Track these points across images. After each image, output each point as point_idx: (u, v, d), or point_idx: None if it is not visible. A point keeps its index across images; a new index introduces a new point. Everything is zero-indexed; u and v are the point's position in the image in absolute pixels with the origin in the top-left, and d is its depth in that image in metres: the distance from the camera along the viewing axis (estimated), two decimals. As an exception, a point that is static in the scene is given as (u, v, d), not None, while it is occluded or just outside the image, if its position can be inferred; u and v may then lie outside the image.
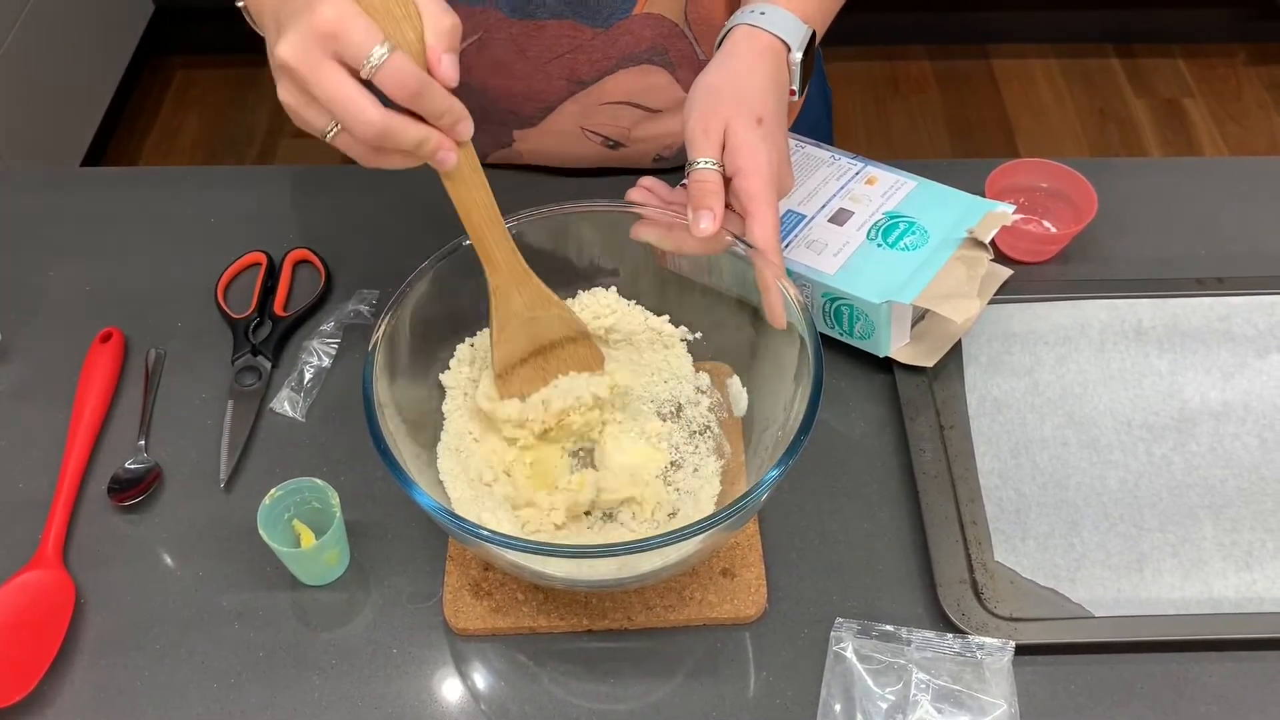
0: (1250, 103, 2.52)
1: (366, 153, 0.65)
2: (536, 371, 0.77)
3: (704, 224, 0.72)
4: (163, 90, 2.60)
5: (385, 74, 0.60)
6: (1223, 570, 0.75)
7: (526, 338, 0.76)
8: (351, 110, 0.61)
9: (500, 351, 0.75)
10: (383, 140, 0.63)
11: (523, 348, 0.76)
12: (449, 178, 0.68)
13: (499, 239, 0.71)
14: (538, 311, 0.75)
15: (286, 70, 0.62)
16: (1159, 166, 1.27)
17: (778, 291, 0.72)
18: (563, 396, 0.76)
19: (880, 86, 2.59)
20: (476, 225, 0.70)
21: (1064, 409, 0.84)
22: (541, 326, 0.76)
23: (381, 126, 0.62)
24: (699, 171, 0.73)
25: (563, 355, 0.77)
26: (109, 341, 0.89)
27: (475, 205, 0.69)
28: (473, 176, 0.68)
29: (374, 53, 0.60)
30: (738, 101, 0.74)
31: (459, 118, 0.65)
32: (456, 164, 0.66)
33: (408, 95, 0.62)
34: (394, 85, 0.61)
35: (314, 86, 0.61)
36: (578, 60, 0.93)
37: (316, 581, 0.77)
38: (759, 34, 0.77)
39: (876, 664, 0.70)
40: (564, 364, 0.78)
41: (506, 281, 0.73)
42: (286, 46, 0.61)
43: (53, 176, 1.11)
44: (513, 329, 0.75)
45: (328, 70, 0.61)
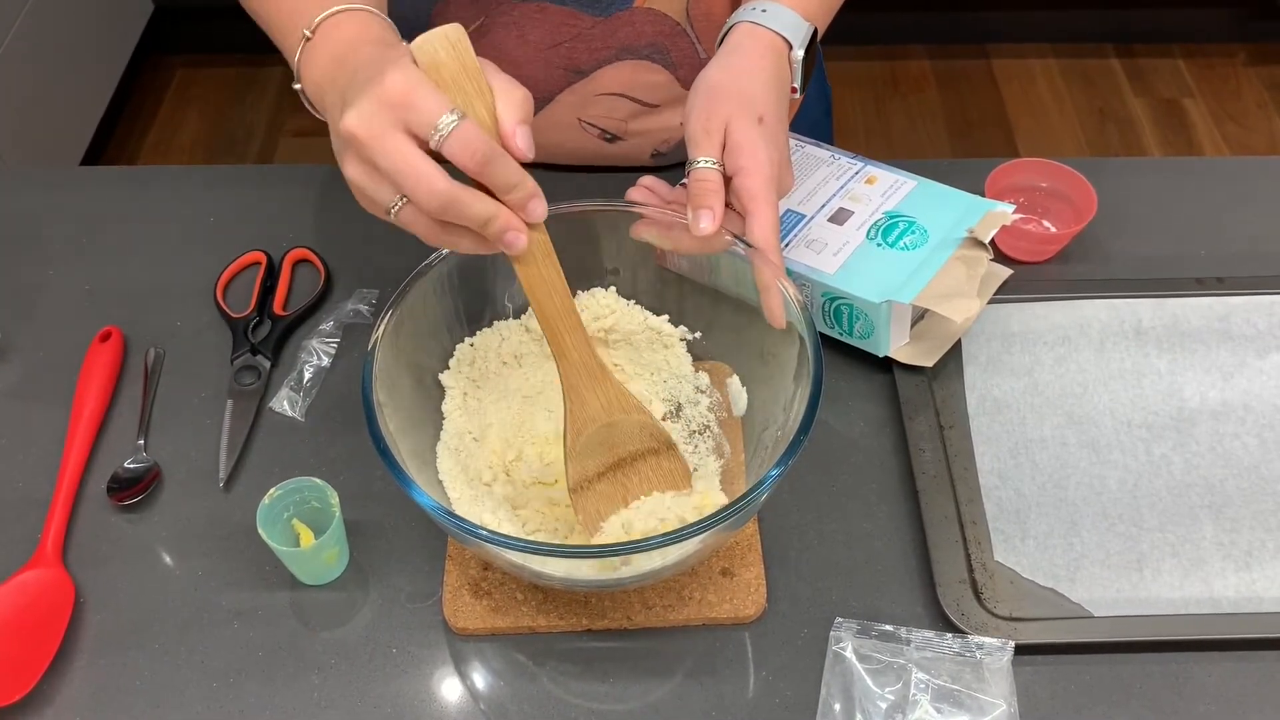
0: (1250, 102, 2.52)
1: (432, 229, 0.62)
2: (615, 489, 0.72)
3: (703, 223, 0.71)
4: (162, 89, 2.60)
5: (454, 141, 0.58)
6: (1222, 570, 0.75)
7: (604, 448, 0.71)
8: (416, 179, 0.59)
9: (575, 466, 0.70)
10: (448, 213, 0.60)
11: (600, 460, 0.71)
12: (519, 261, 0.64)
13: (573, 329, 0.67)
14: (616, 416, 0.70)
15: (352, 141, 0.60)
16: (1159, 166, 1.27)
17: (777, 291, 0.72)
18: (645, 520, 0.71)
19: (880, 86, 2.59)
20: (548, 314, 0.67)
21: (1063, 409, 0.84)
22: (620, 434, 0.71)
23: (447, 197, 0.59)
24: (699, 170, 0.72)
25: (644, 471, 0.72)
26: (108, 340, 0.89)
27: (547, 292, 0.66)
28: (545, 261, 0.65)
29: (443, 121, 0.58)
30: (739, 100, 0.73)
31: (531, 195, 0.62)
32: (527, 247, 0.63)
33: (477, 164, 0.59)
34: (463, 153, 0.58)
35: (379, 156, 0.59)
36: (576, 49, 0.93)
37: (316, 581, 0.77)
38: (760, 31, 0.77)
39: (876, 664, 0.70)
40: (646, 481, 0.72)
41: (579, 378, 0.69)
42: (353, 116, 0.59)
43: (52, 175, 1.11)
44: (589, 437, 0.70)
45: (394, 140, 0.58)
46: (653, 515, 0.71)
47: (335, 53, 0.66)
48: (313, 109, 0.70)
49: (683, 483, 0.73)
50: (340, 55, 0.66)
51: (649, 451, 0.73)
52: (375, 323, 0.72)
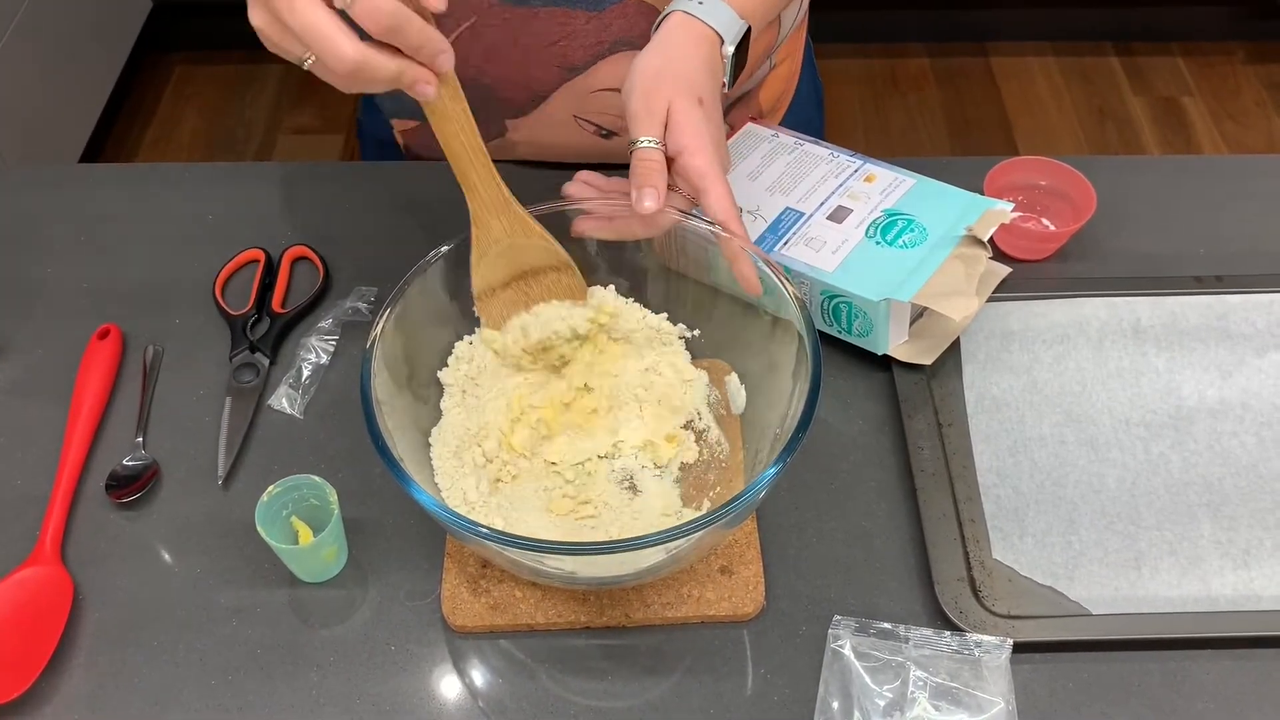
0: (1249, 101, 2.52)
1: (343, 83, 0.64)
2: (518, 295, 0.77)
3: (647, 201, 0.73)
4: (161, 86, 2.60)
5: (360, 7, 0.60)
6: (1220, 568, 0.75)
7: (507, 264, 0.76)
8: (327, 45, 0.61)
9: (479, 274, 0.76)
10: (358, 75, 0.62)
11: (503, 273, 0.76)
12: (429, 109, 0.68)
13: (479, 166, 0.72)
14: (518, 239, 0.75)
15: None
16: (1157, 165, 1.27)
17: (747, 258, 0.74)
18: (542, 327, 0.77)
19: (879, 84, 2.59)
20: (456, 153, 0.71)
21: (1062, 407, 0.84)
22: (522, 254, 0.76)
23: (356, 62, 0.61)
24: (642, 150, 0.74)
25: (545, 283, 0.77)
26: (107, 338, 0.89)
27: (454, 132, 0.70)
28: (453, 106, 0.69)
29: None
30: (678, 82, 0.75)
31: (438, 50, 0.64)
32: (437, 95, 0.66)
33: (382, 30, 0.61)
34: (369, 19, 0.60)
35: (288, 15, 0.61)
36: (570, 46, 0.93)
37: (314, 579, 0.77)
38: (694, 23, 0.78)
39: (874, 661, 0.70)
40: (546, 291, 0.78)
41: (485, 208, 0.74)
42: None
43: (51, 173, 1.11)
44: (492, 255, 0.75)
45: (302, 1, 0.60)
46: (548, 324, 0.77)
47: None
48: None
49: (579, 295, 0.78)
50: None
51: (550, 268, 0.77)
52: (374, 320, 0.72)
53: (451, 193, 0.73)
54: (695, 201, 0.76)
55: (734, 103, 1.06)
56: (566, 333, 0.78)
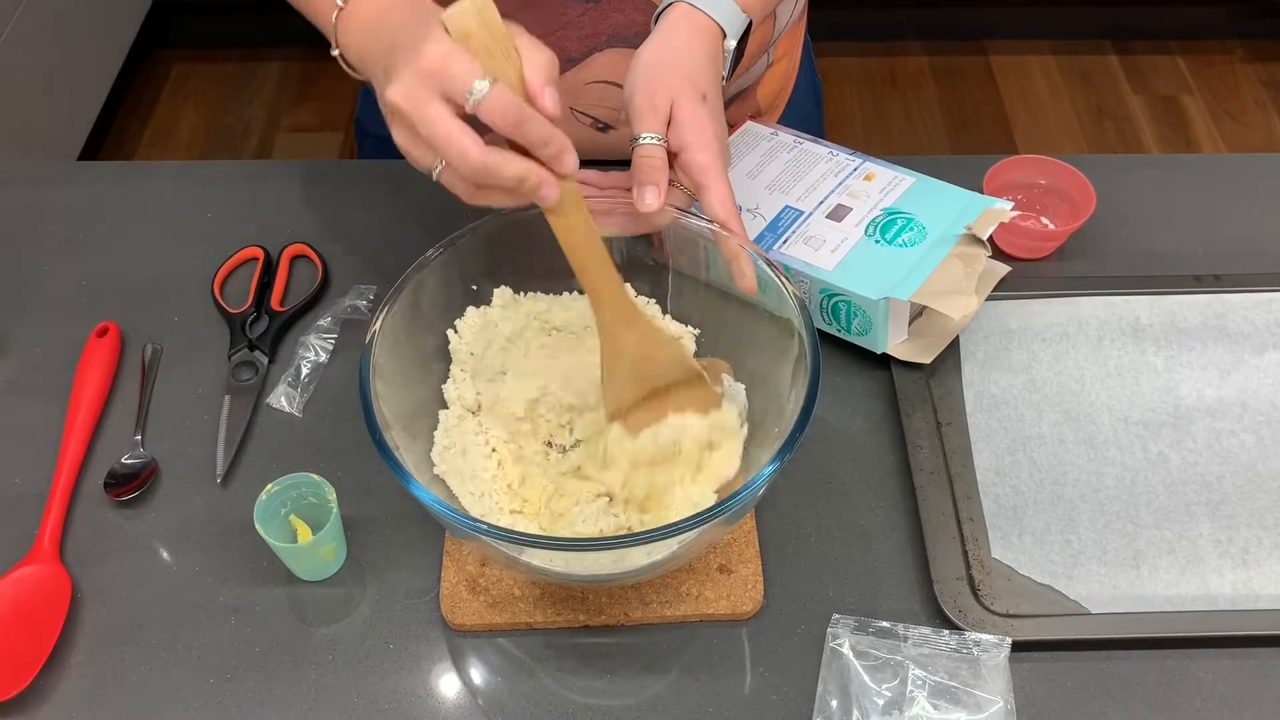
0: (1248, 99, 2.52)
1: (469, 190, 0.67)
2: (651, 415, 0.73)
3: (649, 198, 0.73)
4: (160, 84, 2.59)
5: (487, 105, 0.62)
6: (1219, 567, 0.75)
7: (637, 380, 0.73)
8: (454, 147, 0.63)
9: (611, 393, 0.73)
10: (484, 176, 0.65)
11: (634, 391, 0.73)
12: (551, 213, 0.68)
13: (606, 274, 0.70)
14: (647, 351, 0.73)
15: (397, 111, 0.65)
16: (1156, 163, 1.27)
17: (746, 256, 0.73)
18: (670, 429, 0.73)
19: (878, 82, 2.58)
20: (582, 260, 0.70)
21: (1061, 406, 0.84)
22: (652, 369, 0.73)
23: (482, 162, 0.64)
24: (644, 147, 0.74)
25: (678, 399, 0.74)
26: (105, 336, 0.89)
27: (579, 240, 0.69)
28: (575, 209, 0.68)
29: (476, 86, 0.62)
30: (682, 78, 0.75)
31: (561, 149, 0.66)
32: (559, 199, 0.67)
33: (510, 125, 0.64)
34: (496, 115, 0.63)
35: (420, 125, 0.64)
36: (566, 37, 0.93)
37: (313, 577, 0.77)
38: (698, 15, 0.78)
39: (873, 660, 0.70)
40: (679, 407, 0.74)
41: (614, 319, 0.71)
42: (396, 89, 0.64)
43: (49, 170, 1.11)
44: (623, 370, 0.72)
45: (433, 109, 0.63)
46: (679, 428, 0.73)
47: (369, 20, 0.72)
48: (351, 71, 0.75)
49: (713, 405, 0.75)
50: (374, 23, 0.71)
51: (681, 384, 0.74)
52: (372, 318, 0.72)
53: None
54: (695, 197, 0.76)
55: (731, 99, 1.06)
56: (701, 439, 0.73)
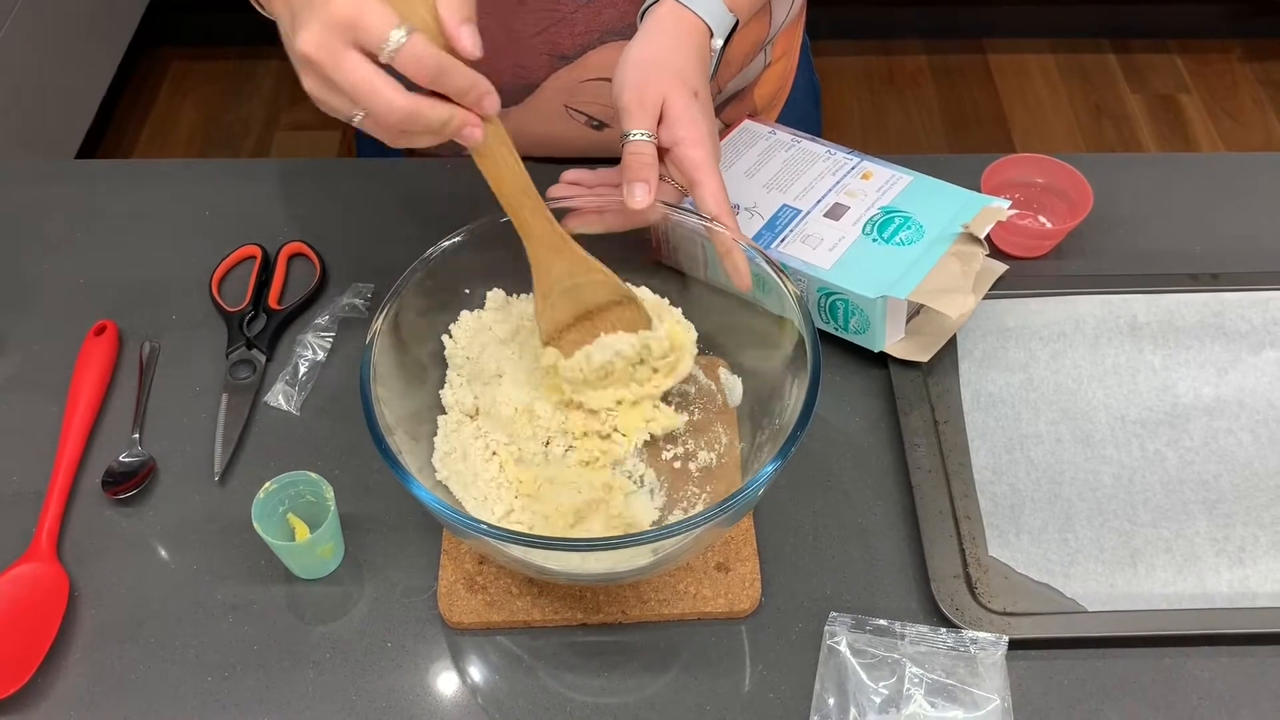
0: (1246, 98, 2.52)
1: (393, 135, 0.65)
2: (584, 336, 0.76)
3: (639, 195, 0.73)
4: (158, 82, 2.59)
5: (404, 58, 0.61)
6: (1216, 565, 0.75)
7: (570, 304, 0.75)
8: (375, 98, 0.62)
9: (546, 318, 0.75)
10: (407, 124, 0.63)
11: (567, 314, 0.75)
12: (478, 153, 0.68)
13: (534, 209, 0.71)
14: (579, 278, 0.74)
15: (308, 62, 0.63)
16: (1154, 162, 1.27)
17: (739, 251, 0.74)
18: (603, 350, 0.75)
19: (876, 81, 2.58)
20: (509, 196, 0.70)
21: (1058, 404, 0.84)
22: (584, 293, 0.75)
23: (405, 111, 0.63)
24: (634, 144, 0.74)
25: (609, 318, 0.76)
26: (103, 334, 0.89)
27: (507, 178, 0.70)
28: (501, 149, 0.68)
29: (391, 36, 0.60)
30: (673, 74, 0.75)
31: (483, 93, 0.65)
32: (485, 139, 0.66)
33: (428, 77, 0.62)
34: (414, 68, 0.62)
35: (336, 75, 0.62)
36: (560, 33, 0.93)
37: (311, 575, 0.77)
38: (685, 13, 0.78)
39: (870, 658, 0.71)
40: (611, 326, 0.76)
41: (545, 250, 0.73)
42: (306, 38, 0.62)
43: (47, 168, 1.11)
44: (555, 296, 0.74)
45: (349, 60, 0.61)
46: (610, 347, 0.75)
47: None
48: (260, 9, 0.73)
49: (644, 326, 0.77)
50: None
51: (612, 303, 0.76)
52: (374, 316, 0.72)
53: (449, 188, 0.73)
54: (687, 193, 0.76)
55: (729, 99, 1.06)
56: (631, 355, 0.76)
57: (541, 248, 0.73)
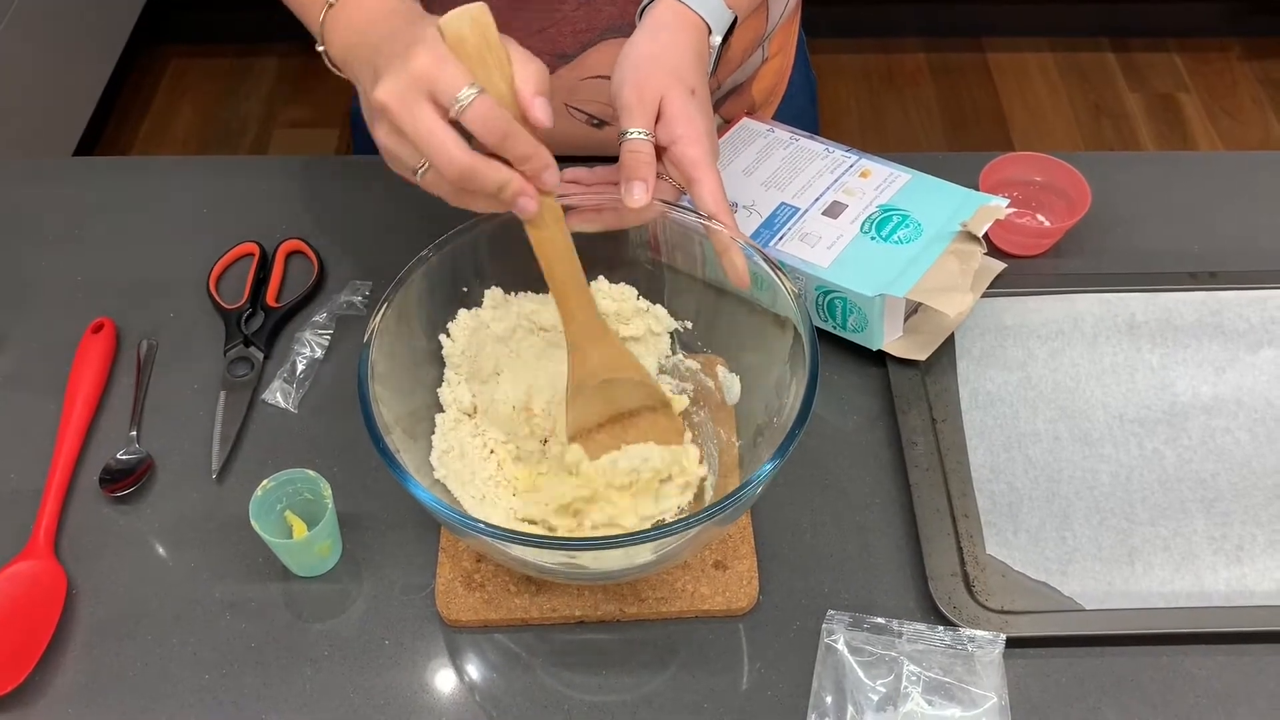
0: (1245, 97, 2.52)
1: (452, 193, 0.67)
2: (612, 439, 0.75)
3: (637, 194, 0.73)
4: (156, 80, 2.59)
5: (472, 114, 0.63)
6: (1213, 564, 0.75)
7: (603, 403, 0.74)
8: (438, 148, 0.64)
9: (574, 413, 0.74)
10: (466, 181, 0.65)
11: (599, 413, 0.74)
12: (531, 224, 0.68)
13: (578, 291, 0.71)
14: (615, 374, 0.73)
15: (384, 110, 0.65)
16: (1153, 161, 1.27)
17: (737, 249, 0.74)
18: (630, 459, 0.73)
19: (875, 79, 2.58)
20: (558, 277, 0.71)
21: (1056, 403, 0.85)
22: (618, 391, 0.74)
23: (465, 166, 0.64)
24: (633, 142, 0.74)
25: (641, 425, 0.75)
26: (101, 332, 0.89)
27: (556, 257, 0.70)
28: (555, 226, 0.69)
29: (463, 93, 0.63)
30: (671, 72, 0.75)
31: (544, 165, 0.67)
32: (538, 212, 0.67)
33: (494, 137, 0.64)
34: (480, 125, 0.63)
35: (405, 124, 0.64)
36: (560, 32, 0.93)
37: (308, 573, 0.77)
38: (684, 10, 0.78)
39: (868, 656, 0.71)
40: (642, 435, 0.75)
41: (584, 338, 0.72)
42: (385, 88, 0.65)
43: (45, 166, 1.10)
44: (588, 392, 0.73)
45: (420, 110, 0.64)
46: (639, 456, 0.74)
47: (358, 21, 0.72)
48: (335, 69, 0.75)
49: (675, 439, 0.76)
50: (363, 24, 0.71)
51: (646, 409, 0.75)
52: (371, 315, 0.72)
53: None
54: (685, 191, 0.76)
55: (726, 95, 1.06)
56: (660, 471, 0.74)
57: (582, 335, 0.72)
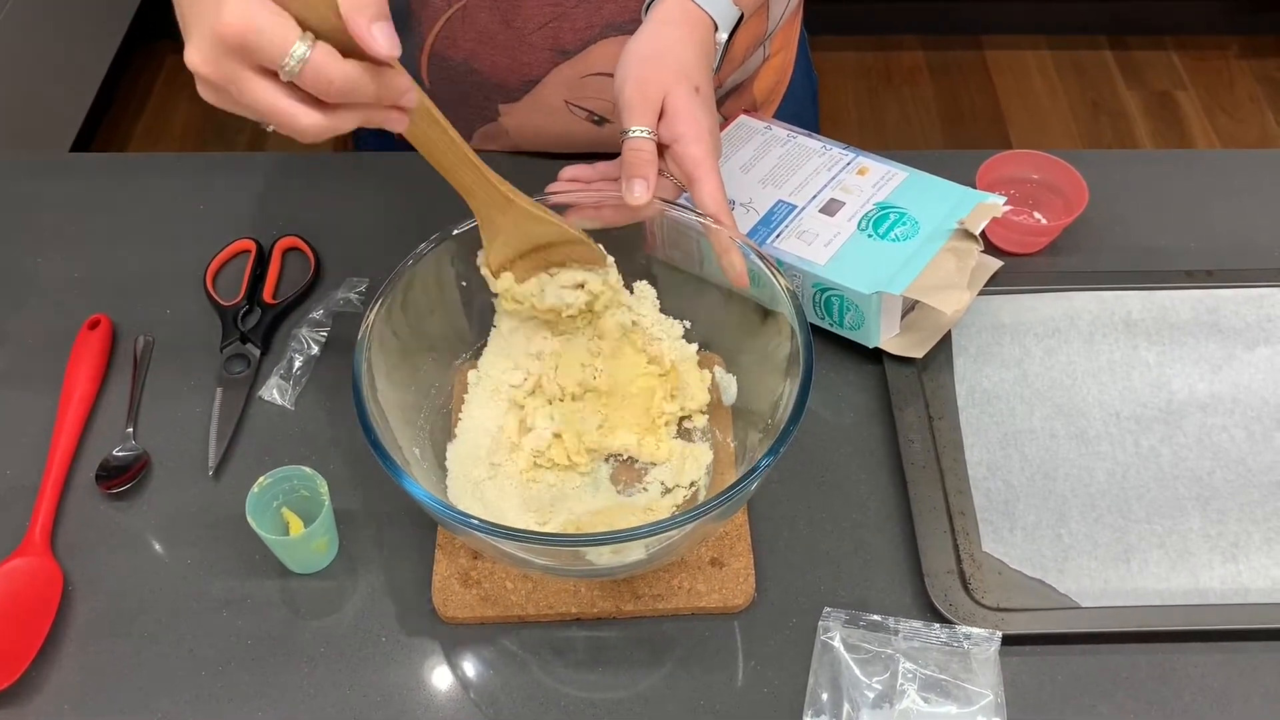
0: (1242, 95, 2.52)
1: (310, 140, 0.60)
2: (536, 262, 0.74)
3: (637, 192, 0.72)
4: (153, 76, 2.59)
5: (308, 77, 0.54)
6: (1209, 561, 0.75)
7: (520, 240, 0.73)
8: (284, 120, 0.57)
9: (493, 254, 0.73)
10: (327, 133, 0.59)
11: (516, 249, 0.73)
12: (408, 135, 0.65)
13: (469, 169, 0.68)
14: (525, 227, 0.73)
15: (205, 80, 0.57)
16: (1150, 158, 1.27)
17: (736, 249, 0.74)
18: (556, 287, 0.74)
19: (873, 76, 2.58)
20: (445, 167, 0.68)
21: (1053, 400, 0.85)
22: (534, 235, 0.73)
23: (321, 128, 0.58)
24: (635, 140, 0.73)
25: (563, 251, 0.74)
26: (97, 328, 0.89)
27: (438, 148, 0.67)
28: (429, 124, 0.64)
29: (292, 53, 0.53)
30: (675, 70, 0.75)
31: (400, 94, 0.58)
32: (410, 122, 0.62)
33: (340, 96, 0.56)
34: (322, 89, 0.55)
35: (241, 99, 0.57)
36: (562, 29, 0.93)
37: (305, 570, 0.77)
38: (691, 7, 0.78)
39: (864, 653, 0.71)
40: (564, 258, 0.74)
41: (488, 208, 0.71)
42: (197, 55, 0.56)
43: (42, 162, 1.10)
44: (501, 240, 0.72)
45: (249, 84, 0.55)
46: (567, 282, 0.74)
47: None
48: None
49: (597, 261, 0.75)
50: None
51: (564, 240, 0.74)
52: (365, 311, 0.72)
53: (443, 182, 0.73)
54: (685, 189, 0.76)
55: (727, 94, 1.06)
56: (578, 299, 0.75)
57: (485, 206, 0.71)
